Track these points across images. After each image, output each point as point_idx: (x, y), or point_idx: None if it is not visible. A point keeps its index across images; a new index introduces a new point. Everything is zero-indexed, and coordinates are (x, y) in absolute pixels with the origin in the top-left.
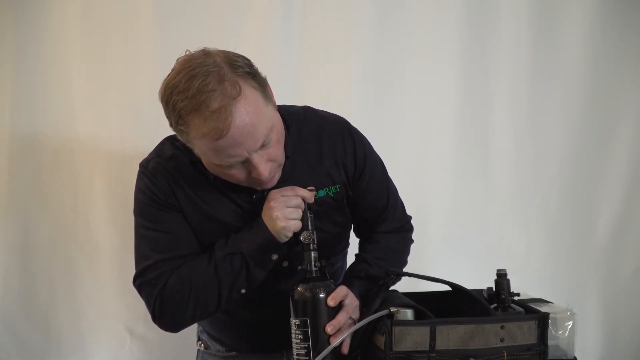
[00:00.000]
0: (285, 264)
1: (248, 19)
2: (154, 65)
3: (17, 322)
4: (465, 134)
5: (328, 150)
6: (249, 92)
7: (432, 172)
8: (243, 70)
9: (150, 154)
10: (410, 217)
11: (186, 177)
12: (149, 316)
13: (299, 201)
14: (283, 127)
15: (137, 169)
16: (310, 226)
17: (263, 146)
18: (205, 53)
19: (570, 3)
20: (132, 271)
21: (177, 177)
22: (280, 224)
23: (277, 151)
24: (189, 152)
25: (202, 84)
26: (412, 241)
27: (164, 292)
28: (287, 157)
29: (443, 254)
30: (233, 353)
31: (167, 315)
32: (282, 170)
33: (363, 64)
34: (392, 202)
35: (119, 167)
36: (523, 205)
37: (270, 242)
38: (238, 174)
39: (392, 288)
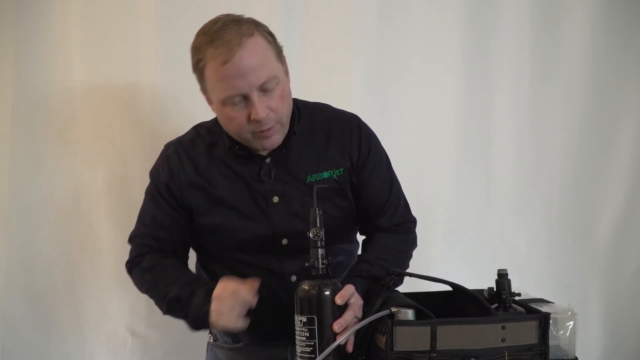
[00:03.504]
0: (285, 241)
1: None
2: (155, 65)
3: (19, 321)
4: (467, 134)
5: (336, 140)
6: (261, 39)
7: (434, 172)
8: (264, 29)
9: (177, 137)
10: (414, 219)
11: (197, 160)
12: (150, 316)
13: (240, 307)
14: (292, 103)
15: (138, 168)
16: (318, 223)
17: (265, 91)
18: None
19: (572, 3)
20: None
21: (188, 161)
22: (215, 319)
23: (279, 105)
24: (206, 138)
25: (223, 24)
26: (414, 245)
27: (134, 269)
28: (294, 133)
29: (444, 254)
30: (239, 345)
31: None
32: (290, 152)
33: (365, 64)
34: (394, 197)
35: (121, 166)
36: (524, 205)
37: (206, 322)
38: (240, 117)
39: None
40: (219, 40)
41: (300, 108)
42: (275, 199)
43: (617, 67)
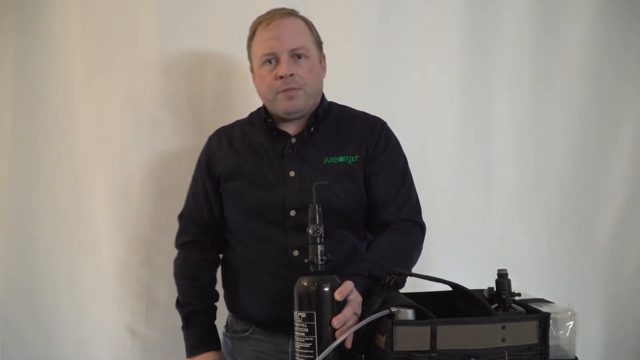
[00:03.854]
0: (293, 213)
1: (250, 19)
2: (155, 65)
3: (18, 321)
4: (467, 133)
5: (358, 133)
6: (302, 22)
7: (434, 172)
8: (309, 21)
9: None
10: (421, 222)
11: (233, 137)
12: (150, 316)
13: None
14: (321, 85)
15: (137, 168)
16: (318, 219)
17: (295, 57)
18: None
19: (572, 3)
20: (133, 271)
21: (225, 140)
22: None
23: (306, 75)
24: (245, 120)
25: (275, 8)
26: (418, 248)
27: (181, 253)
28: (316, 115)
29: (444, 254)
30: (247, 333)
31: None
32: (313, 136)
33: (364, 64)
34: (404, 194)
35: (121, 166)
36: (524, 205)
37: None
38: (269, 76)
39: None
40: (268, 13)
41: (333, 106)
42: (292, 173)
43: (617, 67)
